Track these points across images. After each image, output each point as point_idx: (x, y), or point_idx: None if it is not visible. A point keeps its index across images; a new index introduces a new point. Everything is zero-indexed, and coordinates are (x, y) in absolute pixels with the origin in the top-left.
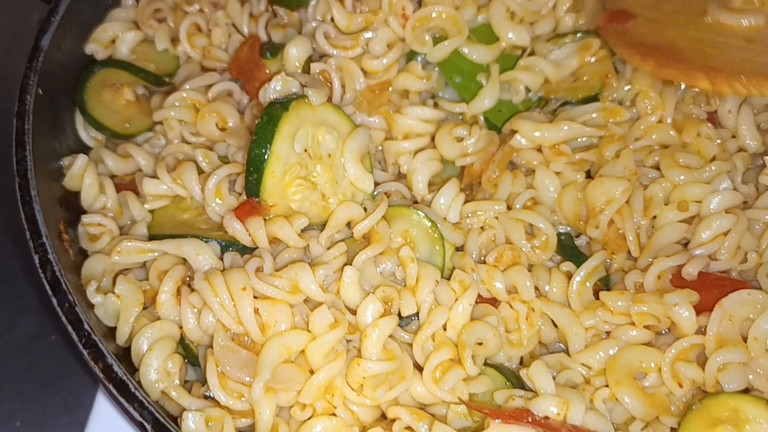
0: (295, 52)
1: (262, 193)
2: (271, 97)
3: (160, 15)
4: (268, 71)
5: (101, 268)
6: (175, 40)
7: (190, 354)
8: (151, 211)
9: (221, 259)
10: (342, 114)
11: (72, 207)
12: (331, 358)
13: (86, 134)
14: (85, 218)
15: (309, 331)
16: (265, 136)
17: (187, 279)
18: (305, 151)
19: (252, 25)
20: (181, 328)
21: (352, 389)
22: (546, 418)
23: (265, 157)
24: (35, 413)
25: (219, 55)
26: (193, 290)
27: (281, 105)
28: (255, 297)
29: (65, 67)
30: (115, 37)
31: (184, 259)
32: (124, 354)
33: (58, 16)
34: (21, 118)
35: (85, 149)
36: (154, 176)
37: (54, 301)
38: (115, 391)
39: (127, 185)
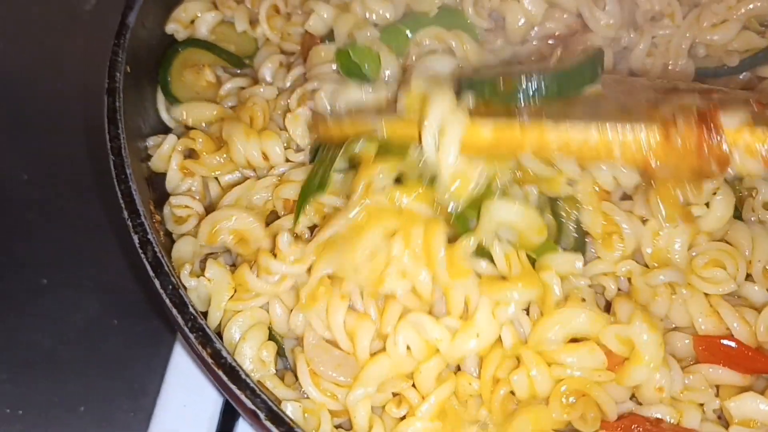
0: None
1: None
2: None
3: None
4: None
5: (191, 251)
6: (253, 22)
7: (278, 341)
8: None
9: None
10: None
11: (156, 188)
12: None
13: (168, 115)
14: (173, 199)
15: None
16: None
17: None
18: None
19: None
20: None
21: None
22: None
23: None
24: (99, 398)
25: (298, 38)
26: None
27: None
28: None
29: (148, 45)
30: (194, 17)
31: None
32: None
33: None
34: (111, 95)
35: (166, 130)
36: None
37: (157, 283)
38: (225, 378)
39: None
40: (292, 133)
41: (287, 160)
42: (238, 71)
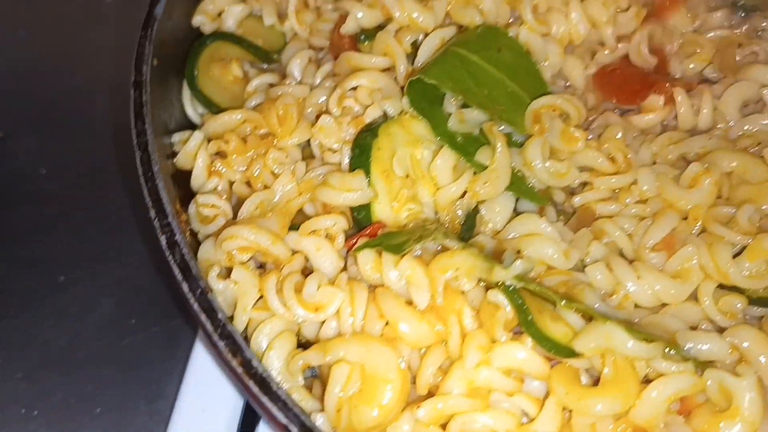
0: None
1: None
2: None
3: None
4: None
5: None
6: (282, 16)
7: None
8: None
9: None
10: None
11: (182, 186)
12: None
13: (193, 110)
14: (200, 198)
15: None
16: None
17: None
18: (407, 176)
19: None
20: None
21: None
22: None
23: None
24: (115, 399)
25: (327, 33)
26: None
27: (370, 132)
28: None
29: (175, 38)
30: (221, 9)
31: None
32: None
33: None
34: (138, 89)
35: (191, 126)
36: None
37: (184, 286)
38: (256, 389)
39: None
40: (324, 142)
41: (323, 163)
42: (266, 66)
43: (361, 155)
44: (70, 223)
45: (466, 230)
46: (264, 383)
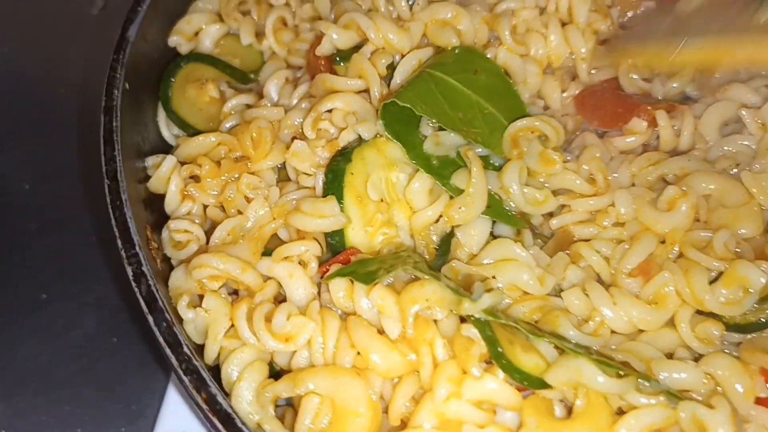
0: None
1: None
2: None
3: (245, 7)
4: None
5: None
6: (260, 35)
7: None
8: None
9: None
10: None
11: (155, 210)
12: None
13: (168, 132)
14: (171, 223)
15: None
16: (335, 195)
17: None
18: (382, 200)
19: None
20: None
21: None
22: None
23: None
24: (95, 419)
25: (304, 53)
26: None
27: (343, 157)
28: None
29: (149, 59)
30: (198, 29)
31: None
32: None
33: (145, 4)
34: (108, 114)
35: (167, 148)
36: None
37: (150, 319)
38: (220, 426)
39: None
40: (298, 167)
41: (299, 187)
42: (243, 86)
43: (334, 180)
44: (53, 238)
45: (441, 255)
46: (228, 419)
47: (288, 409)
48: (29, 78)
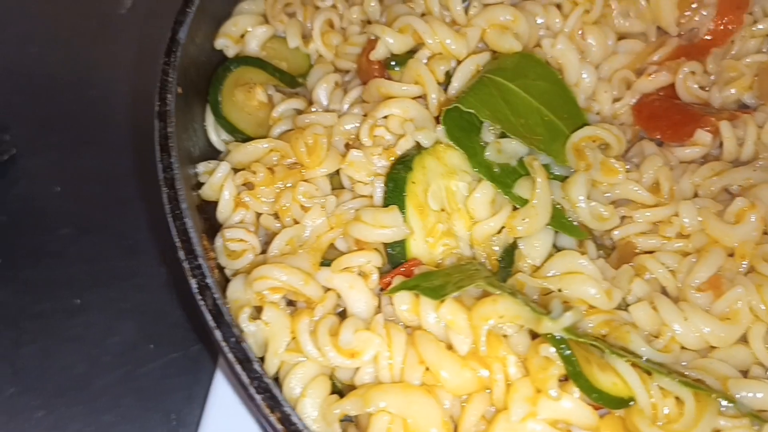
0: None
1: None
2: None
3: (290, 9)
4: None
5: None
6: (306, 38)
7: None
8: None
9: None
10: None
11: (206, 218)
12: None
13: (217, 137)
14: (227, 232)
15: None
16: (397, 205)
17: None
18: (442, 210)
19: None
20: None
21: None
22: None
23: None
24: (134, 429)
25: (354, 56)
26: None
27: (404, 165)
28: None
29: (198, 62)
30: (244, 31)
31: None
32: None
33: (194, 6)
34: (163, 120)
35: (215, 154)
36: None
37: (218, 334)
38: None
39: None
40: (354, 176)
41: (354, 195)
42: (290, 90)
43: (395, 190)
44: (86, 243)
45: (504, 267)
46: None
47: (349, 425)
48: (57, 78)
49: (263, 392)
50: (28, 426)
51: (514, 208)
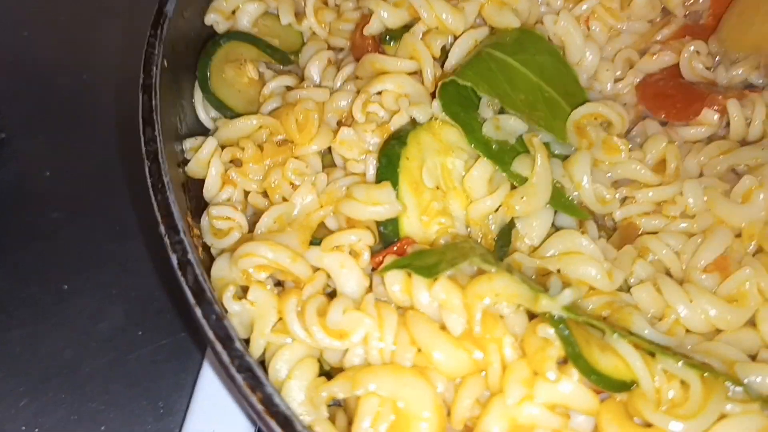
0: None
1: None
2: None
3: None
4: None
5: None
6: (299, 14)
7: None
8: None
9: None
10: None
11: (192, 196)
12: None
13: (205, 114)
14: (213, 209)
15: None
16: (390, 181)
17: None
18: (437, 187)
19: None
20: None
21: None
22: None
23: None
24: (121, 417)
25: (347, 33)
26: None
27: (398, 141)
28: None
29: (186, 37)
30: (236, 7)
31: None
32: None
33: None
34: (147, 93)
35: (203, 131)
36: None
37: (198, 312)
38: (278, 429)
39: None
40: (346, 155)
41: (346, 173)
42: (282, 68)
43: (388, 165)
44: (75, 227)
45: (501, 247)
46: (287, 422)
47: (338, 409)
48: (49, 62)
49: (244, 371)
50: (13, 412)
51: (513, 187)
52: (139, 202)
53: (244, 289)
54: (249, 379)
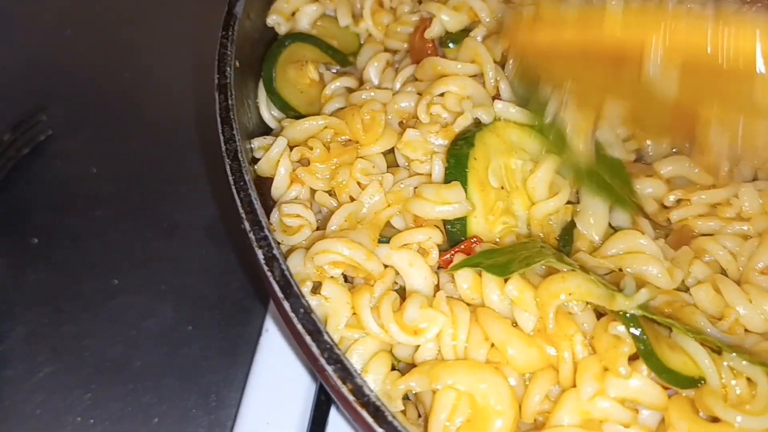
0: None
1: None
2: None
3: None
4: None
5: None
6: (356, 16)
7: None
8: None
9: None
10: (526, 129)
11: (263, 194)
12: None
13: (269, 114)
14: (284, 207)
15: None
16: (459, 181)
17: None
18: (502, 188)
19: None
20: None
21: None
22: None
23: None
24: (174, 410)
25: (404, 36)
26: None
27: (466, 141)
28: None
29: (251, 38)
30: (296, 9)
31: None
32: None
33: None
34: (223, 92)
35: (266, 131)
36: None
37: (286, 305)
38: (370, 420)
39: None
40: (410, 156)
41: (411, 173)
42: (338, 69)
43: (457, 165)
44: (123, 225)
45: (564, 246)
46: (378, 413)
47: (407, 403)
48: (93, 60)
49: (334, 363)
50: (66, 405)
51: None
52: (189, 198)
53: (317, 286)
54: (339, 371)
